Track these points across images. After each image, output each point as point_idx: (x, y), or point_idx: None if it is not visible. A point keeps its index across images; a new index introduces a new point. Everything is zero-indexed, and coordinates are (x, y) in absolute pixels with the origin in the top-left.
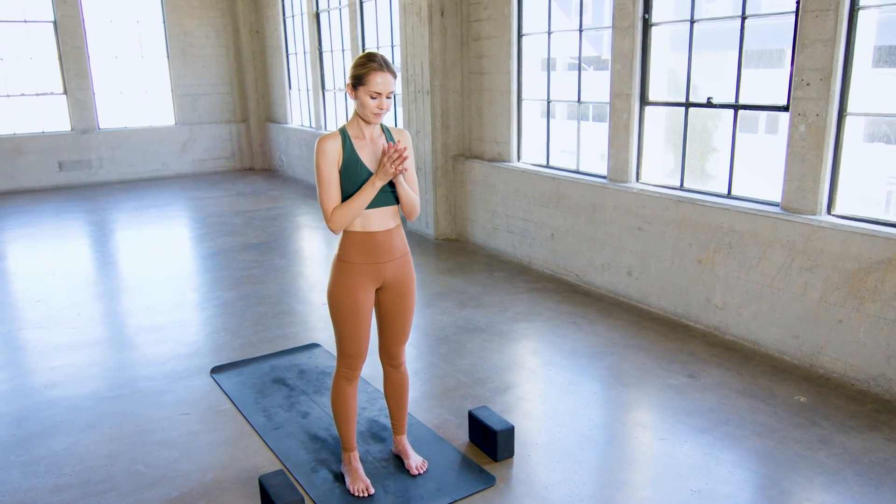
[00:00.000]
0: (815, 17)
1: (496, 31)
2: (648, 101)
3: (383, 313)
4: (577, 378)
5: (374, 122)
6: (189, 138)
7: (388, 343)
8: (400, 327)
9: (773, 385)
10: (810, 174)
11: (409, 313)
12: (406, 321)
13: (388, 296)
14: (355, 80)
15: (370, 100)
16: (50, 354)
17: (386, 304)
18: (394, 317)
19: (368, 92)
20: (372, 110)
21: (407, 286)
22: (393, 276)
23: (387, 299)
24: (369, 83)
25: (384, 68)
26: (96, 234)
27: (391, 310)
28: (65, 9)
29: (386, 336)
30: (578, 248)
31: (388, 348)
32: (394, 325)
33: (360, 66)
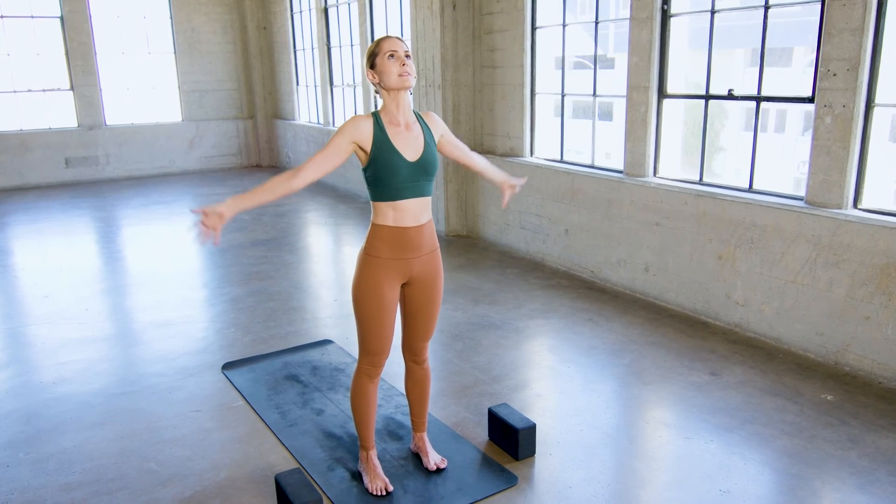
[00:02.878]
0: (842, 6)
1: (509, 24)
2: (667, 93)
3: (409, 309)
4: (596, 376)
5: (406, 86)
6: (196, 135)
7: (412, 339)
8: (425, 323)
9: (798, 383)
10: (836, 167)
11: (435, 309)
12: (432, 317)
13: (415, 291)
14: (371, 61)
15: (390, 61)
16: (58, 350)
17: (412, 300)
18: (420, 312)
19: (384, 55)
20: (397, 71)
21: (435, 282)
22: (421, 272)
23: (413, 295)
24: (381, 49)
25: (390, 36)
26: (103, 231)
27: (418, 305)
28: (72, 4)
29: (410, 332)
30: (594, 244)
31: (412, 344)
32: (419, 321)
33: (371, 48)
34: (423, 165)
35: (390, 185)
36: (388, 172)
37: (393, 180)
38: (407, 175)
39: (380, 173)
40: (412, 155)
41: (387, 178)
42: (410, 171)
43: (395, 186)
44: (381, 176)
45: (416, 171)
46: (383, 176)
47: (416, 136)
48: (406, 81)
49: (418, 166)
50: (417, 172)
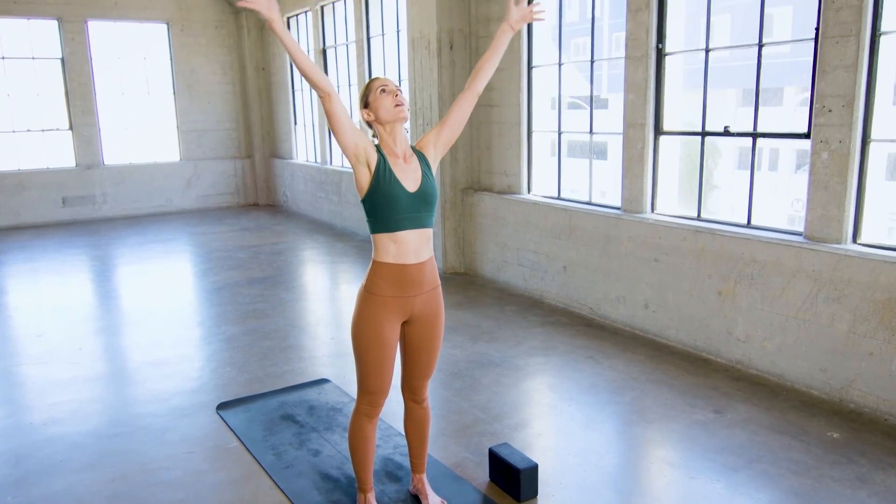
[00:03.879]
0: (835, 43)
1: (505, 63)
2: (663, 130)
3: (410, 347)
4: (597, 414)
5: (401, 117)
6: (193, 174)
7: (412, 377)
8: (426, 362)
9: (803, 421)
10: (834, 202)
11: (436, 348)
12: (432, 355)
13: (416, 329)
14: (364, 100)
15: (382, 95)
16: (50, 390)
17: (413, 338)
18: (420, 351)
19: (376, 91)
20: (393, 102)
21: (436, 320)
22: (422, 310)
23: (414, 333)
24: (373, 86)
25: (379, 76)
26: (99, 269)
27: (418, 343)
28: (73, 46)
29: (410, 370)
30: (592, 281)
31: (412, 383)
32: (420, 360)
33: (362, 90)
34: (423, 196)
35: (390, 217)
36: (388, 202)
37: (393, 211)
38: (407, 205)
39: (380, 202)
40: (412, 186)
41: (387, 208)
42: (410, 202)
43: (394, 217)
44: (381, 206)
45: (415, 202)
46: (383, 206)
47: (414, 168)
48: (401, 112)
49: (418, 197)
50: (417, 203)
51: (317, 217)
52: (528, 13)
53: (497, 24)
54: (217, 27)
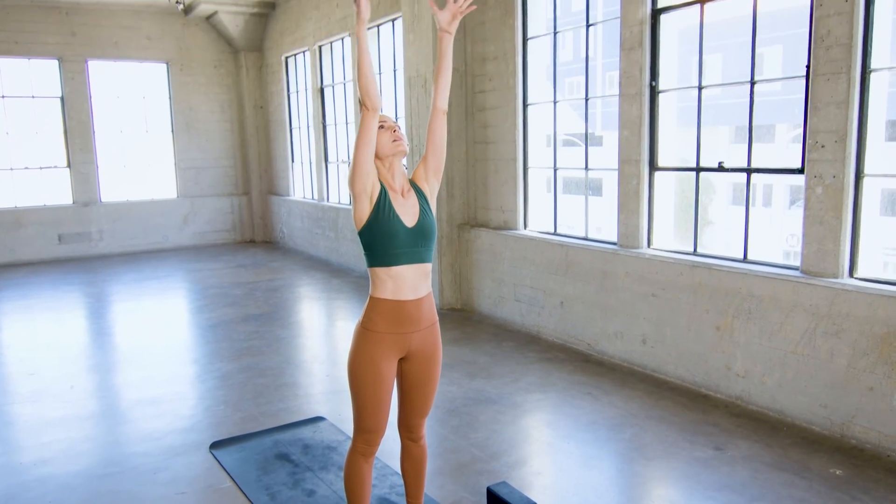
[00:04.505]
0: (826, 80)
1: (501, 101)
2: (658, 166)
3: (407, 384)
4: (597, 452)
5: (400, 151)
6: (191, 211)
7: (408, 415)
8: (423, 399)
9: (805, 457)
10: (830, 236)
11: (433, 385)
12: (430, 393)
13: (413, 366)
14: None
15: (381, 132)
16: (41, 430)
17: (410, 375)
18: (417, 388)
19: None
20: (390, 138)
21: (433, 356)
22: (419, 346)
23: (411, 369)
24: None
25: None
26: (94, 306)
27: (415, 380)
28: (73, 85)
29: (407, 408)
30: (590, 317)
31: (409, 421)
32: (417, 397)
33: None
34: (421, 231)
35: (387, 251)
36: (385, 236)
37: (390, 245)
38: (405, 240)
39: (377, 236)
40: (410, 220)
41: (384, 242)
42: (408, 237)
43: (392, 252)
44: (379, 239)
45: (414, 237)
46: (381, 239)
47: (412, 203)
48: (399, 146)
49: (416, 232)
50: (415, 238)
51: (313, 253)
52: (456, 9)
53: (493, 62)
54: (216, 66)
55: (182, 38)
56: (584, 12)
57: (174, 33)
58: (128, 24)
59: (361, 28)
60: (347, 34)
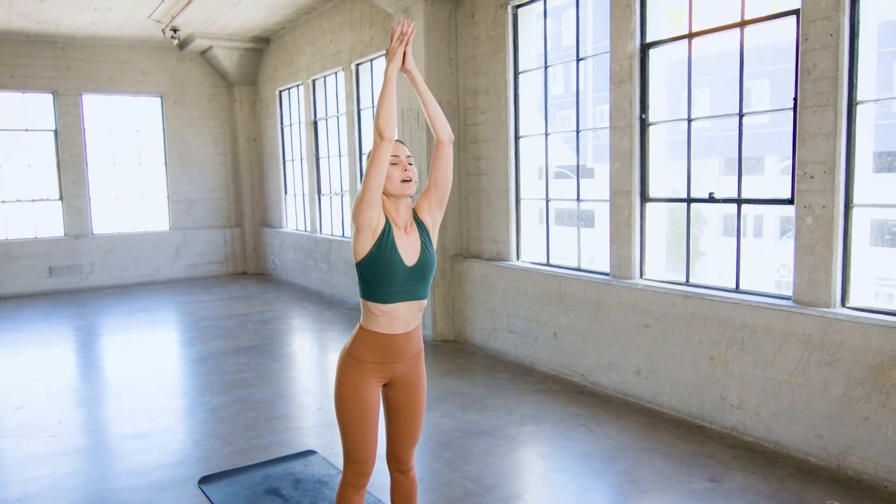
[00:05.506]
0: (813, 112)
1: (493, 133)
2: (649, 197)
3: (392, 411)
4: (592, 484)
5: (408, 193)
6: (183, 243)
7: (396, 445)
8: (409, 428)
9: (802, 489)
10: (821, 266)
11: (419, 413)
12: (416, 421)
13: (397, 393)
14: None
15: (392, 168)
16: (27, 465)
17: (395, 402)
18: (403, 416)
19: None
20: (399, 177)
21: (418, 383)
22: (403, 373)
23: (396, 397)
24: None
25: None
26: (83, 339)
27: (400, 407)
28: (67, 118)
29: (395, 437)
30: (583, 347)
31: (397, 451)
32: (403, 425)
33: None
34: (421, 269)
35: (383, 288)
36: (384, 272)
37: (387, 283)
38: (403, 279)
39: (376, 271)
40: (410, 259)
41: (382, 278)
42: (407, 275)
43: (388, 290)
44: (377, 275)
45: (412, 275)
46: (379, 275)
47: (414, 240)
48: (407, 189)
49: (415, 270)
50: (414, 276)
51: (306, 285)
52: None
53: (485, 96)
54: (210, 100)
55: (176, 73)
56: (574, 47)
57: (169, 67)
58: (123, 59)
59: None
60: (341, 68)
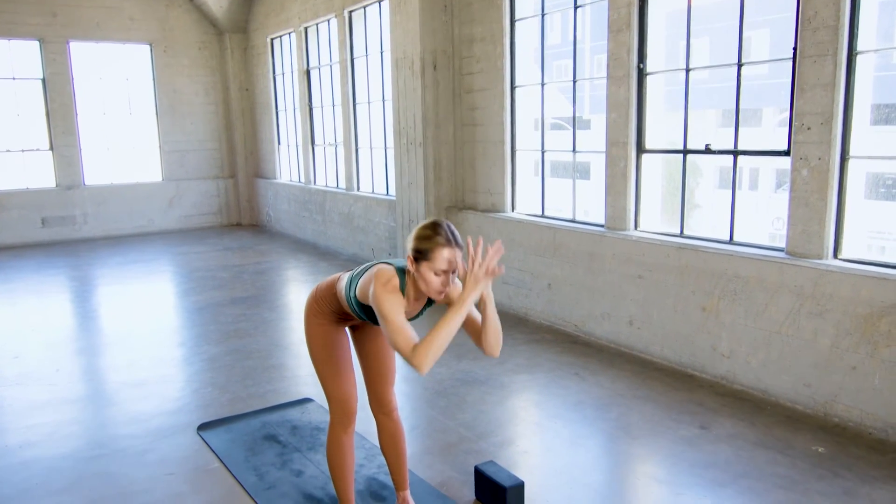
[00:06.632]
0: (813, 63)
1: (489, 83)
2: (645, 148)
3: (363, 355)
4: (584, 431)
5: (437, 300)
6: (176, 194)
7: (373, 386)
8: (382, 367)
9: (788, 435)
10: (815, 218)
11: (388, 350)
12: (387, 359)
13: (364, 335)
14: (418, 254)
15: (434, 277)
16: (26, 413)
17: (364, 345)
18: (373, 357)
19: (433, 269)
20: (436, 288)
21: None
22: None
23: (363, 339)
24: (435, 259)
25: (452, 243)
26: (78, 290)
27: (370, 350)
28: (54, 66)
29: (370, 379)
30: (577, 298)
31: (376, 393)
32: (375, 366)
33: (424, 240)
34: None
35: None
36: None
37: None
38: None
39: (369, 315)
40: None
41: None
42: None
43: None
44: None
45: None
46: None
47: (418, 305)
48: (441, 298)
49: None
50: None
51: (300, 236)
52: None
53: (480, 44)
54: (200, 48)
55: (165, 20)
56: None
57: (157, 14)
58: (110, 5)
59: (473, 297)
60: (333, 15)
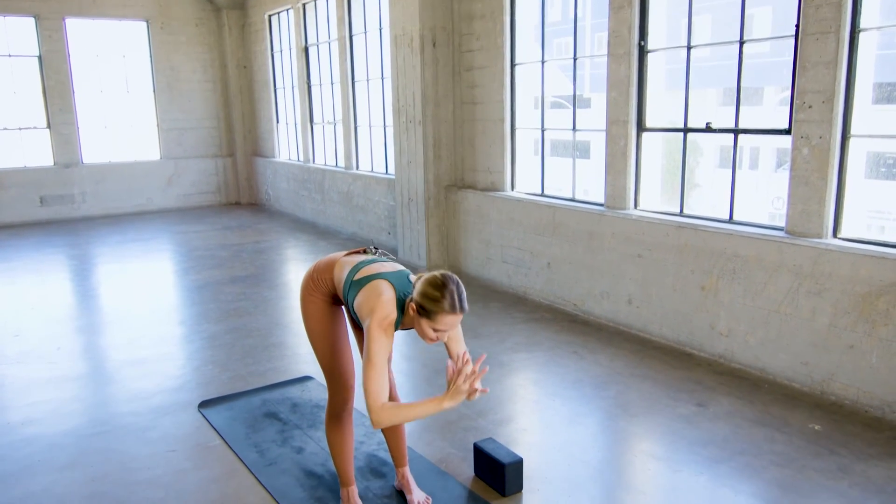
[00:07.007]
0: (815, 40)
1: (489, 61)
2: (646, 127)
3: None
4: (582, 409)
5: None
6: (174, 173)
7: None
8: None
9: (785, 413)
10: (815, 197)
11: None
12: None
13: None
14: (421, 310)
15: (431, 331)
16: (28, 390)
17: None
18: None
19: (432, 326)
20: (430, 338)
21: None
22: None
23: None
24: (436, 321)
25: (457, 310)
26: (78, 269)
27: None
28: (50, 43)
29: None
30: (576, 277)
31: None
32: None
33: (431, 301)
34: None
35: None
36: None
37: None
38: None
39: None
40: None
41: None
42: None
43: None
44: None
45: None
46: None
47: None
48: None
49: None
50: None
51: (299, 215)
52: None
53: (480, 21)
54: (197, 25)
55: None
56: None
57: None
58: None
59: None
60: None
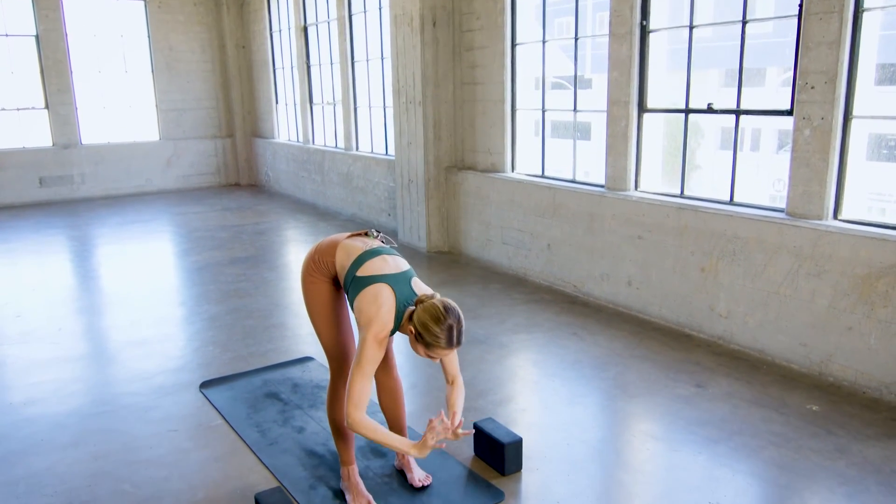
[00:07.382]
0: (819, 20)
1: (489, 40)
2: (647, 108)
3: None
4: (581, 389)
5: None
6: (173, 154)
7: None
8: None
9: (783, 394)
10: (816, 178)
11: None
12: None
13: None
14: (419, 336)
15: (425, 353)
16: (30, 370)
17: None
18: None
19: (427, 351)
20: (421, 356)
21: None
22: None
23: None
24: (431, 350)
25: (454, 346)
26: (78, 250)
27: None
28: (47, 23)
29: None
30: (576, 259)
31: None
32: None
33: (431, 335)
34: None
35: None
36: None
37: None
38: None
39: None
40: None
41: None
42: None
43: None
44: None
45: None
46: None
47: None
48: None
49: None
50: None
51: (300, 197)
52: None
53: (480, 0)
54: (196, 4)
55: None
56: None
57: None
58: None
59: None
60: None
